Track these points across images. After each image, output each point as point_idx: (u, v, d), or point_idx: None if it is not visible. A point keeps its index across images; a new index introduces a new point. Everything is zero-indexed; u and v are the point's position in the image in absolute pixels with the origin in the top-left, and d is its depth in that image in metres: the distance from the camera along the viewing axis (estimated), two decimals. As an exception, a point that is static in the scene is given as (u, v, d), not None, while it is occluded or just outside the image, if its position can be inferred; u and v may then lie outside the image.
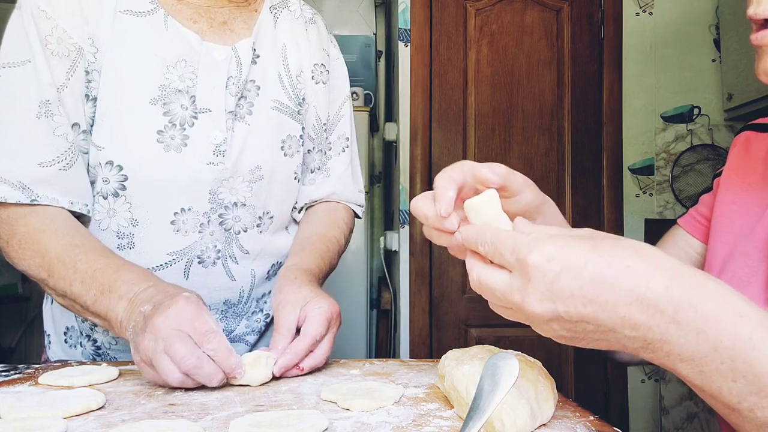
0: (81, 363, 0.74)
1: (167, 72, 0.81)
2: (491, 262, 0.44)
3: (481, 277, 0.44)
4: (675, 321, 0.36)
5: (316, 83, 0.95)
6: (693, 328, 0.36)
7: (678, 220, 0.74)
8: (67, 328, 0.86)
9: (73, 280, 0.70)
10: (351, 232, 1.04)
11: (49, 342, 0.89)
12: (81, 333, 0.86)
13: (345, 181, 1.02)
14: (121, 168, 0.79)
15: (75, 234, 0.75)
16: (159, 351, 0.60)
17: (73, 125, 0.78)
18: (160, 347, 0.60)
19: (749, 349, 0.35)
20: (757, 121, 0.70)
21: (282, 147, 0.90)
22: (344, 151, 1.02)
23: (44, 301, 0.91)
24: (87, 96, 0.79)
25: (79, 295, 0.70)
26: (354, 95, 2.69)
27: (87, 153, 0.81)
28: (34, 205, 0.75)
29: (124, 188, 0.80)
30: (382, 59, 3.16)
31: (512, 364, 0.42)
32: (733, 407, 0.37)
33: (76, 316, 0.85)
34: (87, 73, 0.79)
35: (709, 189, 0.73)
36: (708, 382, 0.37)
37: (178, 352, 0.59)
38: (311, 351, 0.70)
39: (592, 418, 0.54)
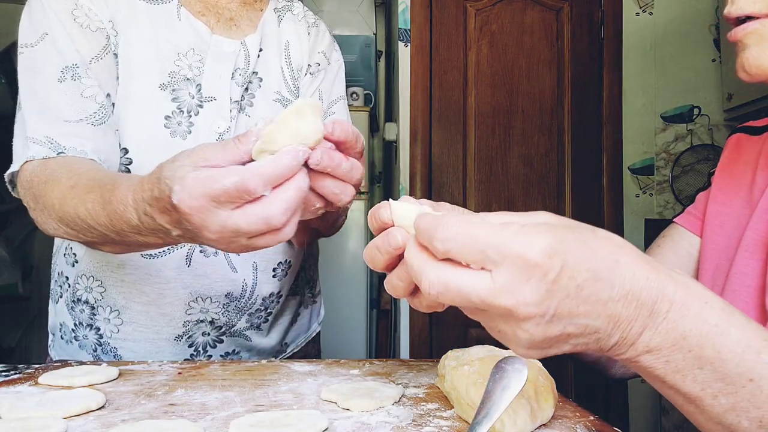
0: (81, 363, 0.74)
1: (178, 59, 0.83)
2: (449, 261, 0.36)
3: (449, 281, 0.36)
4: (653, 313, 0.35)
5: (312, 75, 0.98)
6: (665, 318, 0.36)
7: (675, 219, 0.74)
8: (76, 325, 0.87)
9: (86, 200, 0.62)
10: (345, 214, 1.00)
11: (53, 341, 0.89)
12: (83, 325, 0.86)
13: None
14: (126, 151, 0.80)
15: (85, 170, 0.68)
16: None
17: (107, 95, 0.79)
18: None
19: (717, 335, 0.35)
20: (748, 124, 0.71)
21: None
22: None
23: (49, 301, 0.91)
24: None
25: (93, 207, 0.60)
26: (354, 95, 2.69)
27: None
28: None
29: (128, 171, 0.81)
30: (382, 59, 3.16)
31: (521, 368, 0.42)
32: (694, 396, 0.37)
33: (79, 313, 0.85)
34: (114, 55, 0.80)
35: (705, 187, 0.73)
36: (672, 371, 0.36)
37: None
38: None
39: (592, 418, 0.54)
